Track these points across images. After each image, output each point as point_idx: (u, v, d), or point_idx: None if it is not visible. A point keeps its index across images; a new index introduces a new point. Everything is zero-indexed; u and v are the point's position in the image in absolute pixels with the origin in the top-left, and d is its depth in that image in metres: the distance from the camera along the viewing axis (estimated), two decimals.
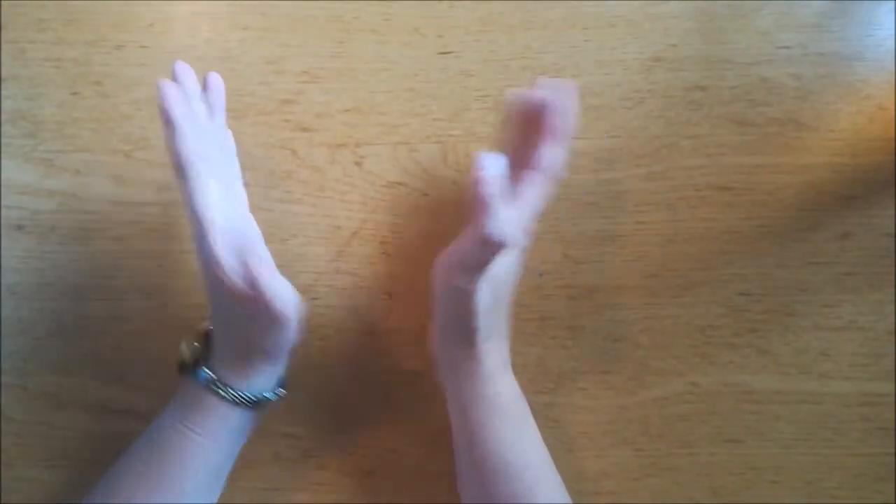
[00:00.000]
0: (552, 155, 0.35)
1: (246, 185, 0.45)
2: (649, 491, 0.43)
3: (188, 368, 0.37)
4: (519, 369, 0.43)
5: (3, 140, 0.45)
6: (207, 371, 0.36)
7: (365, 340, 0.44)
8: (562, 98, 0.35)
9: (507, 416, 0.37)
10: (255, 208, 0.44)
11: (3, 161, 0.45)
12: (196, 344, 0.38)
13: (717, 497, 0.42)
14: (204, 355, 0.38)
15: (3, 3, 0.46)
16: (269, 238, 0.44)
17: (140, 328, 0.44)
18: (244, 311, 0.34)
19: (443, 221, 0.44)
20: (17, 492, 0.44)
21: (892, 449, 0.42)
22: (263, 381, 0.37)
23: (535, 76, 0.45)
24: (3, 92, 0.46)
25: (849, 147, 0.44)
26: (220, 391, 0.36)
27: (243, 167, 0.45)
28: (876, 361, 0.43)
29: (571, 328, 0.43)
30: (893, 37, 0.44)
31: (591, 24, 0.45)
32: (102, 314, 0.44)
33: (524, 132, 0.37)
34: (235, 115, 0.45)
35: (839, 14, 0.45)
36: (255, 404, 0.37)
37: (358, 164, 0.45)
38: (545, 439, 0.40)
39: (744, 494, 0.42)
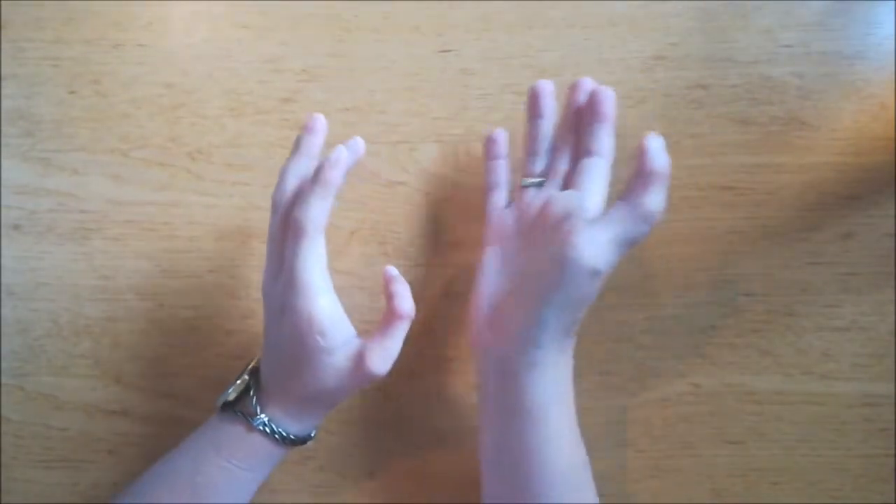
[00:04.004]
0: (606, 138, 0.37)
1: (245, 184, 0.45)
2: (650, 492, 0.42)
3: (230, 405, 0.36)
4: None
5: (1, 139, 0.45)
6: (265, 418, 0.35)
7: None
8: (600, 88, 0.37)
9: (574, 420, 0.36)
10: (253, 208, 0.45)
11: (0, 160, 0.45)
12: (242, 381, 0.37)
13: (719, 498, 0.42)
14: (248, 392, 0.37)
15: (1, 2, 0.46)
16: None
17: (138, 329, 0.44)
18: (334, 377, 0.35)
19: (443, 221, 0.44)
20: (16, 492, 0.43)
21: (894, 450, 0.42)
22: (317, 421, 0.37)
23: (536, 75, 0.45)
24: (2, 91, 0.46)
25: (851, 146, 0.43)
26: (276, 435, 0.35)
27: (243, 167, 0.45)
28: (878, 362, 0.43)
29: None
30: (895, 35, 0.44)
31: (591, 23, 0.45)
32: (100, 314, 0.44)
33: (566, 124, 0.39)
34: (234, 115, 0.45)
35: (841, 13, 0.45)
36: (303, 442, 0.37)
37: (357, 163, 0.45)
38: None
39: (745, 496, 0.42)
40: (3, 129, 0.45)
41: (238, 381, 0.37)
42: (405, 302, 0.36)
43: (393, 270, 0.37)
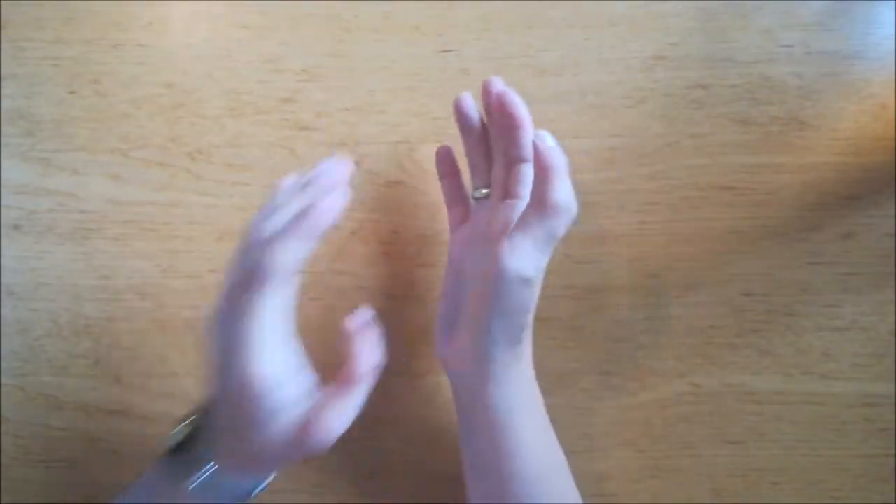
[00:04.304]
0: (526, 142, 0.36)
1: (245, 184, 0.45)
2: (650, 492, 0.42)
3: (175, 451, 0.33)
4: None
5: (1, 139, 0.45)
6: (213, 475, 0.32)
7: None
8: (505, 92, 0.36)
9: (544, 423, 0.36)
10: (253, 208, 0.44)
11: (0, 160, 0.45)
12: (189, 427, 0.34)
13: (719, 498, 0.42)
14: (195, 436, 0.33)
15: (2, 1, 0.46)
16: None
17: (137, 329, 0.44)
18: (278, 442, 0.31)
19: (443, 221, 0.44)
20: (15, 492, 0.43)
21: (893, 450, 0.42)
22: (268, 476, 0.36)
23: (536, 75, 0.45)
24: (2, 91, 0.46)
25: (851, 146, 0.43)
26: (225, 491, 0.33)
27: (243, 167, 0.45)
28: (878, 362, 0.43)
29: (572, 329, 0.43)
30: (894, 35, 0.44)
31: (591, 23, 0.45)
32: (100, 315, 0.44)
33: (492, 135, 0.38)
34: (234, 115, 0.45)
35: (841, 13, 0.45)
36: (248, 495, 0.35)
37: (357, 163, 0.45)
38: None
39: (745, 496, 0.42)
40: (2, 129, 0.45)
41: (185, 423, 0.34)
42: (363, 363, 0.33)
43: (351, 325, 0.34)
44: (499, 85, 0.37)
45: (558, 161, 0.32)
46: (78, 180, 0.45)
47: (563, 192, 0.32)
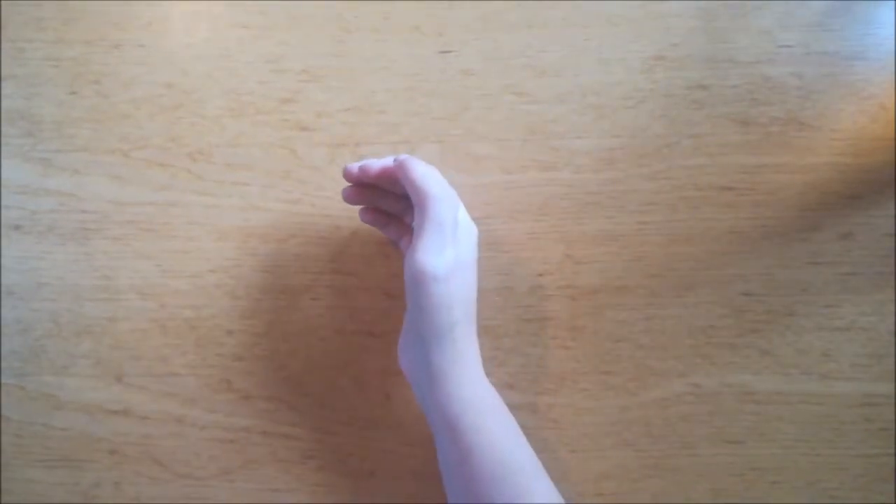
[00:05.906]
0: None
1: (245, 185, 0.45)
2: (650, 492, 0.42)
3: None
4: (520, 370, 0.43)
5: (2, 139, 0.45)
6: None
7: (365, 340, 0.44)
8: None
9: (498, 419, 0.37)
10: (253, 208, 0.45)
11: (1, 160, 0.45)
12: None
13: (718, 498, 0.42)
14: None
15: (1, 2, 0.46)
16: (268, 238, 0.44)
17: (138, 328, 0.44)
18: None
19: None
20: (16, 492, 0.43)
21: (893, 450, 0.42)
22: None
23: (536, 75, 0.45)
24: (2, 91, 0.46)
25: (851, 147, 0.43)
26: None
27: (242, 167, 0.45)
28: (878, 362, 0.43)
29: (572, 329, 0.43)
30: (894, 36, 0.44)
31: (592, 23, 0.45)
32: (100, 314, 0.44)
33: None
34: (234, 115, 0.45)
35: (841, 13, 0.45)
36: None
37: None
38: (547, 440, 0.40)
39: (745, 495, 0.42)
40: (3, 129, 0.45)
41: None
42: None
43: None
44: (349, 170, 0.39)
45: (408, 163, 0.35)
46: (79, 180, 0.45)
47: (424, 180, 0.35)
